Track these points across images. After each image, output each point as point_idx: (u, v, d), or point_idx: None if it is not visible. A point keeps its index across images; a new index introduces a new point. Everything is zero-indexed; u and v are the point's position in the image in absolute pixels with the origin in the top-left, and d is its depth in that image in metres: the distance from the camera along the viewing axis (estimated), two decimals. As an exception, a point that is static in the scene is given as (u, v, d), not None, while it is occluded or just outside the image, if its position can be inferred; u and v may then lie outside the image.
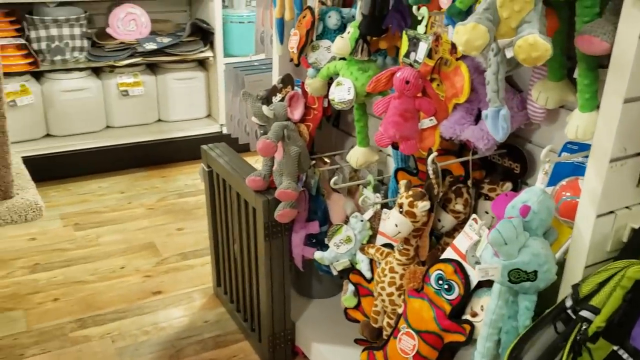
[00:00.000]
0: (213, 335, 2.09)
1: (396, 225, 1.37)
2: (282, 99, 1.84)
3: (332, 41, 1.67)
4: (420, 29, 1.32)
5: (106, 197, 3.13)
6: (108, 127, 3.50)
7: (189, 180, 3.36)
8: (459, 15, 1.18)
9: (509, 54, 0.99)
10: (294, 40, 1.68)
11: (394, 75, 1.36)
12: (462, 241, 1.31)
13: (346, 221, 1.84)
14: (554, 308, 1.12)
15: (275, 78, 1.98)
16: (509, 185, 1.42)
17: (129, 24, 3.33)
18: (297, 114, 1.79)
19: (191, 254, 2.60)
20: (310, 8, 1.65)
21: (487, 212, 1.44)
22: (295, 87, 1.85)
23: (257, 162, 2.21)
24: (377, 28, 1.45)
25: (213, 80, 3.66)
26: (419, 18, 1.33)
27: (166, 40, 3.44)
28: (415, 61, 1.33)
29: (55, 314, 2.15)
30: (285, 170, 1.74)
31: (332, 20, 1.66)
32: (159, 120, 3.65)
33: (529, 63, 0.95)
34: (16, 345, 1.98)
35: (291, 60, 1.74)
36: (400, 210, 1.37)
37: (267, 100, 1.91)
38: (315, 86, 1.70)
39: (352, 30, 1.51)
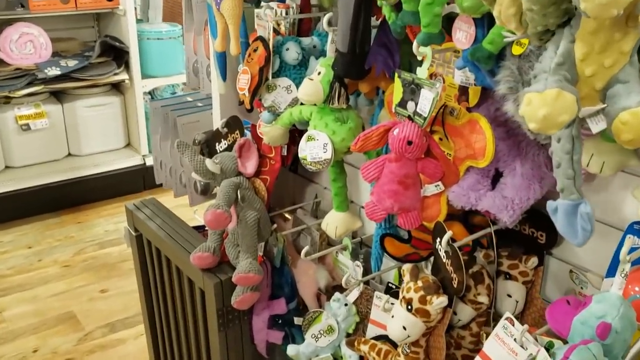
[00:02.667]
0: None
1: (404, 328, 1.05)
2: (229, 148, 1.48)
3: (292, 79, 1.33)
4: (421, 72, 1.00)
5: (10, 256, 2.63)
6: (7, 167, 2.99)
7: (110, 224, 2.91)
8: (488, 60, 0.87)
9: (596, 127, 0.68)
10: (243, 81, 1.33)
11: (388, 131, 1.04)
12: (494, 348, 1.00)
13: (319, 294, 1.51)
14: None
15: (217, 120, 1.61)
16: (534, 260, 1.13)
17: (25, 47, 2.84)
18: (250, 166, 1.44)
19: (120, 324, 2.18)
20: (262, 39, 1.30)
21: (510, 296, 1.14)
22: (245, 132, 1.50)
23: (196, 212, 1.85)
24: (359, 69, 1.11)
25: (131, 105, 3.22)
26: (419, 58, 1.01)
27: (72, 64, 2.96)
28: (417, 114, 1.00)
29: None
30: (242, 242, 1.39)
31: (291, 53, 1.32)
32: (69, 155, 3.16)
33: (633, 145, 0.65)
34: None
35: (241, 103, 1.38)
36: (409, 307, 1.05)
37: (207, 148, 1.55)
38: (273, 135, 1.35)
39: (323, 70, 1.17)
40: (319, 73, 1.17)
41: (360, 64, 1.11)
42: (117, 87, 3.25)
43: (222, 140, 1.51)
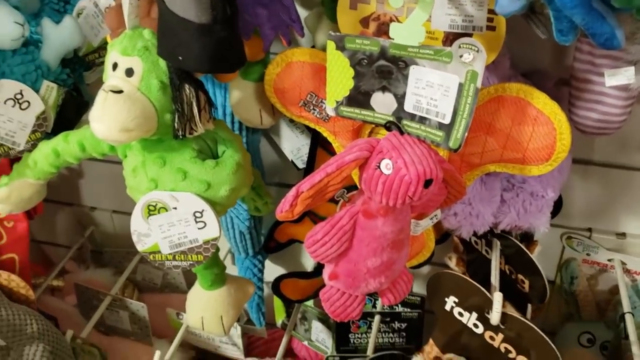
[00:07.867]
0: None
1: None
2: None
3: (21, 75, 0.64)
4: (414, 22, 0.47)
5: None
6: None
7: None
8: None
9: None
10: None
11: (363, 166, 0.51)
12: None
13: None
14: None
15: None
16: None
17: None
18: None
19: None
20: None
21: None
22: None
23: None
24: (237, 49, 0.51)
25: None
26: None
27: None
28: (420, 120, 0.49)
29: None
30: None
31: (3, 25, 0.60)
32: None
33: None
34: None
35: None
36: None
37: None
38: (20, 197, 0.68)
39: (138, 65, 0.52)
40: (130, 72, 0.51)
41: (238, 39, 0.50)
42: None
43: None
